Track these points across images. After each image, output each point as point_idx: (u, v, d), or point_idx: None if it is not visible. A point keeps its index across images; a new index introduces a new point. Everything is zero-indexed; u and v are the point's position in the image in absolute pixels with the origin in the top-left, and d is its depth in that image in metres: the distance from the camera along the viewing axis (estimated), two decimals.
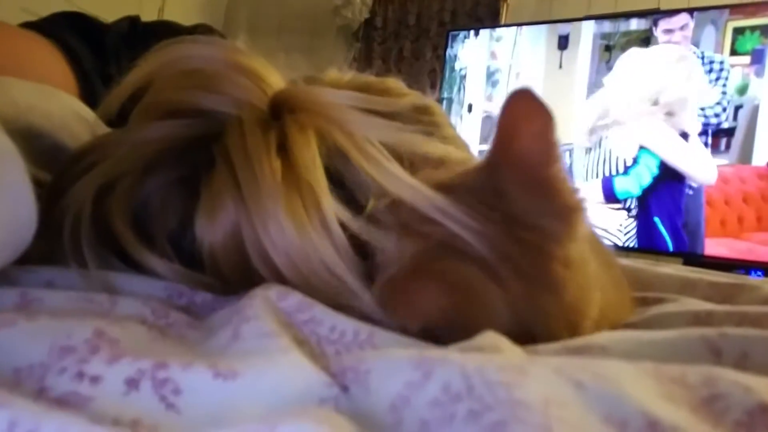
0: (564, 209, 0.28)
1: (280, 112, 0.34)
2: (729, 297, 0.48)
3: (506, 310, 0.27)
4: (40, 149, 0.38)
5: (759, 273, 1.32)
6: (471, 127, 1.84)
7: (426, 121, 0.44)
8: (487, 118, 1.82)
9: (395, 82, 0.46)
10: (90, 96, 0.49)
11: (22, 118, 0.39)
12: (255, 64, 0.36)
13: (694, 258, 1.39)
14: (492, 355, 0.20)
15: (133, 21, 0.57)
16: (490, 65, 1.82)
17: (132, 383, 0.19)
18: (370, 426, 0.19)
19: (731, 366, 0.25)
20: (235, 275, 0.32)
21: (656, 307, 0.44)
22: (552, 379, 0.18)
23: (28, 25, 0.50)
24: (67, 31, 0.50)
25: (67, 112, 0.42)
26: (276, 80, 0.36)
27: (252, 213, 0.30)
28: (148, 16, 0.60)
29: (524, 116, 0.27)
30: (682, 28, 1.54)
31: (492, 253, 0.27)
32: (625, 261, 0.60)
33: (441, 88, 1.85)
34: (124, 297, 0.30)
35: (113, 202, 0.33)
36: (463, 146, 0.46)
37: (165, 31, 0.58)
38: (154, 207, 0.34)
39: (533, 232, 0.27)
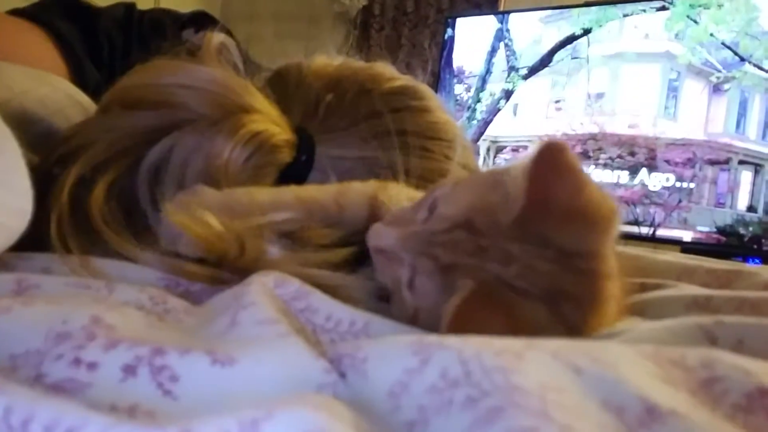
0: (601, 223, 0.28)
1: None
2: (727, 283, 0.48)
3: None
4: (34, 134, 0.38)
5: (756, 261, 1.32)
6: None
7: (414, 106, 0.44)
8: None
9: (384, 67, 0.46)
10: (80, 79, 0.49)
11: (16, 102, 0.38)
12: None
13: None
14: (489, 340, 0.20)
15: (128, 7, 0.56)
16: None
17: (129, 370, 0.19)
18: (368, 412, 0.19)
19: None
20: None
21: (655, 292, 0.44)
22: (549, 364, 0.18)
23: (17, 12, 0.50)
24: (57, 16, 0.49)
25: (60, 97, 0.42)
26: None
27: None
28: (143, 2, 0.59)
29: (551, 167, 0.27)
30: None
31: (548, 290, 0.27)
32: (623, 247, 0.60)
33: (439, 76, 1.84)
34: (122, 284, 0.30)
35: (92, 199, 0.33)
36: (455, 134, 0.46)
37: (162, 19, 0.57)
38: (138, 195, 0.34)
39: (581, 257, 0.28)
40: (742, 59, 1.46)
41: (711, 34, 1.49)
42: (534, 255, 0.28)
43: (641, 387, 0.17)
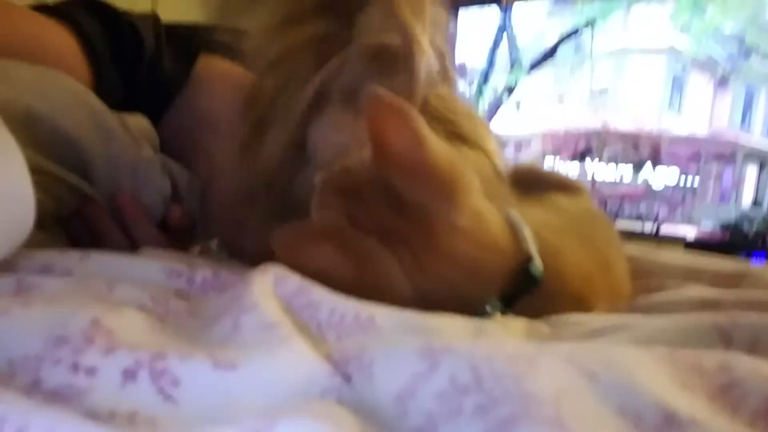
0: (443, 187, 0.30)
1: None
2: (734, 285, 0.47)
3: (404, 279, 0.31)
4: (39, 134, 0.38)
5: (761, 256, 1.31)
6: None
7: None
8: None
9: None
10: (100, 81, 0.48)
11: (21, 101, 0.38)
12: None
13: None
14: (501, 343, 0.19)
15: (156, 19, 0.56)
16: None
17: (129, 374, 0.18)
18: (374, 417, 0.18)
19: (742, 352, 0.25)
20: None
21: (661, 294, 0.44)
22: (563, 370, 0.17)
23: (42, 8, 0.49)
24: (82, 14, 0.49)
25: (68, 96, 0.41)
26: None
27: None
28: (141, 5, 0.58)
29: (383, 117, 0.30)
30: None
31: (385, 232, 0.30)
32: (627, 246, 0.60)
33: None
34: (122, 282, 0.29)
35: None
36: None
37: (190, 33, 0.57)
38: None
39: (420, 211, 0.30)
40: (748, 52, 1.44)
41: (716, 27, 1.47)
42: (378, 198, 0.31)
43: (659, 393, 0.17)
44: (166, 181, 0.45)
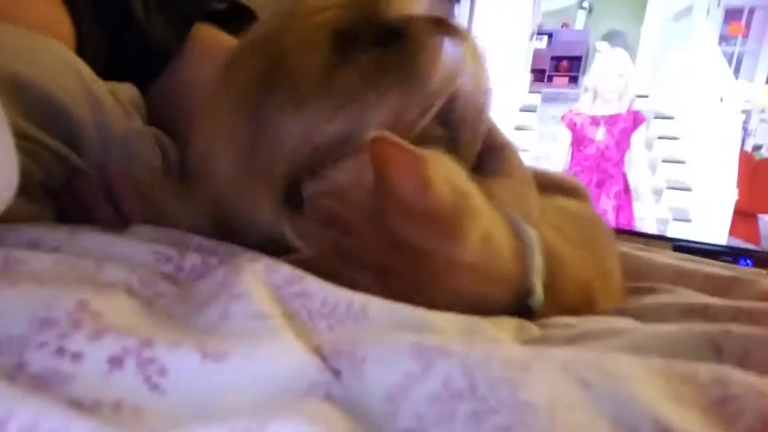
0: (446, 231, 0.29)
1: None
2: (724, 290, 0.47)
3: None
4: (26, 100, 0.36)
5: (748, 261, 1.32)
6: None
7: None
8: None
9: None
10: (84, 39, 0.46)
11: (9, 66, 0.36)
12: None
13: None
14: (495, 347, 0.19)
15: None
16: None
17: (115, 362, 0.18)
18: (363, 414, 0.18)
19: (732, 364, 0.25)
20: None
21: (651, 297, 0.44)
22: (558, 378, 0.17)
23: None
24: None
25: (56, 63, 0.40)
26: None
27: None
28: None
29: (388, 159, 0.29)
30: None
31: (377, 265, 0.29)
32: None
33: None
34: (111, 262, 0.29)
35: None
36: None
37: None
38: None
39: (419, 251, 0.29)
40: None
41: None
42: (374, 235, 0.30)
43: (653, 406, 0.17)
44: (157, 153, 0.44)
